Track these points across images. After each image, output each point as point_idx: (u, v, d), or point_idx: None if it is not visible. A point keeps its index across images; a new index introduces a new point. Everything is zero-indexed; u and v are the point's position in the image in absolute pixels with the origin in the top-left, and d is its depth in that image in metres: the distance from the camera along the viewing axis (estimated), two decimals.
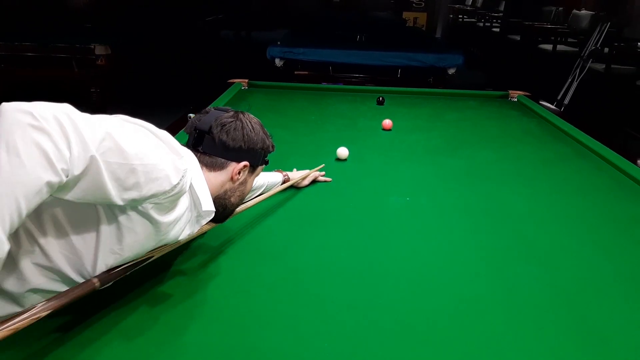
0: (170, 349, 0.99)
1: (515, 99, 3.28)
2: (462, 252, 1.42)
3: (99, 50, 4.64)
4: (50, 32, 5.31)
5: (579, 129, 2.56)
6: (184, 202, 1.05)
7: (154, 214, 0.97)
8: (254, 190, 1.63)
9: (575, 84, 5.66)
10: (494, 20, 10.10)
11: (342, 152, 2.12)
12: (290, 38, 5.39)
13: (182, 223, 1.08)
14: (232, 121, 1.16)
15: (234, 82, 3.25)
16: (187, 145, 1.15)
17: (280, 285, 1.22)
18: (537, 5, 8.76)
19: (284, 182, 1.72)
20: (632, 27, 6.15)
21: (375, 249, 1.41)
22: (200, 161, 1.14)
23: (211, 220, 1.20)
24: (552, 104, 5.58)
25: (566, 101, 5.61)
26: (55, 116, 0.75)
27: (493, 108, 3.11)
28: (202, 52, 8.00)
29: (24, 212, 0.72)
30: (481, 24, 10.53)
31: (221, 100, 2.82)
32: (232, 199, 1.24)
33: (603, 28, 5.74)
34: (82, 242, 0.94)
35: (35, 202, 0.73)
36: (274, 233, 1.49)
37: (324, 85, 3.68)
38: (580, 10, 7.57)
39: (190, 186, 1.06)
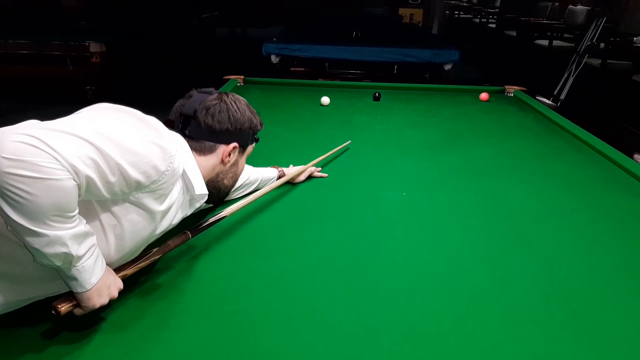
0: (166, 345, 0.98)
1: (512, 94, 3.28)
2: (459, 247, 1.41)
3: (94, 47, 4.62)
4: (44, 30, 5.28)
5: (575, 124, 2.56)
6: (176, 188, 1.06)
7: (148, 202, 0.99)
8: (249, 185, 1.62)
9: (571, 79, 5.67)
10: (490, 16, 10.10)
11: (324, 100, 2.80)
12: (286, 35, 5.37)
13: (175, 207, 1.09)
14: (216, 103, 1.15)
15: (229, 79, 3.23)
16: (175, 130, 1.14)
17: (276, 281, 1.21)
18: (533, 1, 8.75)
19: (279, 178, 1.72)
20: (628, 22, 6.15)
21: (371, 245, 1.40)
22: (189, 146, 1.13)
23: (208, 202, 1.22)
24: (549, 99, 5.60)
25: (562, 96, 5.62)
26: (33, 155, 0.77)
27: (489, 103, 3.11)
28: (197, 49, 7.98)
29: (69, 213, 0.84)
30: (477, 20, 10.53)
31: None
32: (226, 181, 1.24)
33: (599, 23, 5.74)
34: None
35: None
36: (270, 229, 1.48)
37: (320, 81, 3.67)
38: (576, 6, 7.58)
39: (183, 171, 1.06)
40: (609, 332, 1.07)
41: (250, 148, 1.28)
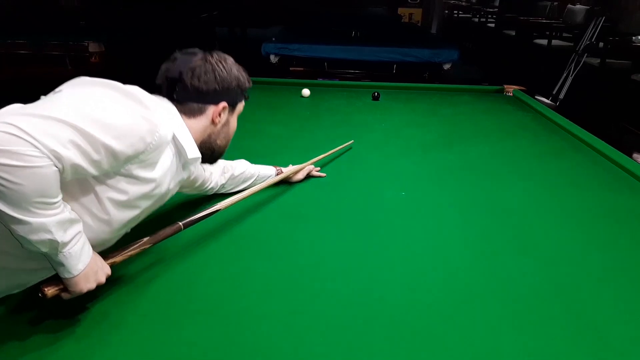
0: (163, 345, 0.98)
1: (511, 94, 3.28)
2: (458, 246, 1.41)
3: (93, 47, 4.63)
4: (43, 30, 5.28)
5: (574, 123, 2.56)
6: (167, 155, 1.07)
7: (140, 172, 1.00)
8: (245, 180, 1.62)
9: (570, 79, 5.66)
10: (489, 16, 10.11)
11: (305, 92, 2.97)
12: (285, 34, 5.37)
13: (169, 173, 1.10)
14: (201, 64, 1.15)
15: None
16: (162, 95, 1.14)
17: (275, 281, 1.21)
18: (532, 1, 8.76)
19: (277, 176, 1.71)
20: (627, 22, 6.15)
21: (370, 244, 1.40)
22: (178, 109, 1.14)
23: (203, 162, 1.24)
24: (548, 99, 5.59)
25: (561, 96, 5.61)
26: (14, 144, 0.78)
27: (488, 103, 3.11)
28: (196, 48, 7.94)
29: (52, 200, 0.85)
30: (476, 20, 10.54)
31: None
32: (219, 142, 1.24)
33: (598, 22, 5.74)
34: (87, 211, 0.97)
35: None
36: (269, 228, 1.48)
37: (320, 81, 3.67)
38: (575, 5, 7.58)
39: (173, 136, 1.07)
40: (608, 331, 1.07)
41: (240, 106, 1.28)
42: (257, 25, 9.52)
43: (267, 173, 1.70)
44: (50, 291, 0.94)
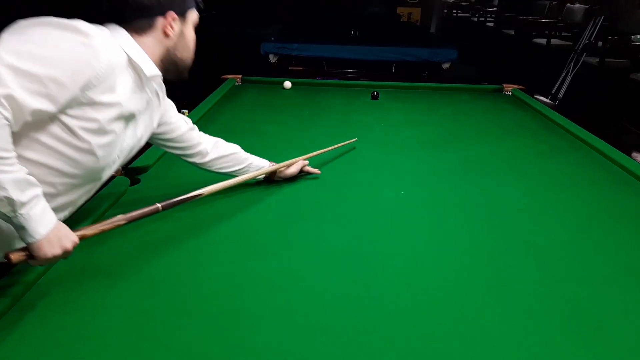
0: (162, 344, 0.98)
1: (510, 93, 3.28)
2: (457, 245, 1.41)
3: None
4: None
5: (573, 122, 2.56)
6: (125, 77, 1.10)
7: (102, 98, 1.03)
8: (235, 163, 1.60)
9: (569, 78, 5.67)
10: (488, 15, 10.13)
11: (287, 84, 3.09)
12: (285, 34, 5.38)
13: (132, 95, 1.13)
14: None
15: (227, 78, 3.23)
16: (110, 21, 1.16)
17: (273, 280, 1.21)
18: (531, 0, 8.77)
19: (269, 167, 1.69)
20: (626, 21, 6.16)
21: (369, 244, 1.40)
22: (128, 31, 1.15)
23: (171, 79, 1.27)
24: (547, 98, 5.60)
25: (560, 95, 5.62)
26: None
27: (487, 102, 3.11)
28: (195, 48, 7.95)
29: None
30: (475, 19, 10.56)
31: (215, 96, 2.81)
32: (179, 54, 1.26)
33: (597, 22, 5.75)
34: (68, 145, 1.02)
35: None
36: (266, 227, 1.48)
37: (319, 80, 3.67)
38: (574, 4, 7.58)
39: (128, 58, 1.10)
40: (608, 330, 1.07)
41: (192, 14, 1.28)
42: (256, 25, 9.51)
43: (260, 164, 1.66)
44: (15, 257, 0.95)
